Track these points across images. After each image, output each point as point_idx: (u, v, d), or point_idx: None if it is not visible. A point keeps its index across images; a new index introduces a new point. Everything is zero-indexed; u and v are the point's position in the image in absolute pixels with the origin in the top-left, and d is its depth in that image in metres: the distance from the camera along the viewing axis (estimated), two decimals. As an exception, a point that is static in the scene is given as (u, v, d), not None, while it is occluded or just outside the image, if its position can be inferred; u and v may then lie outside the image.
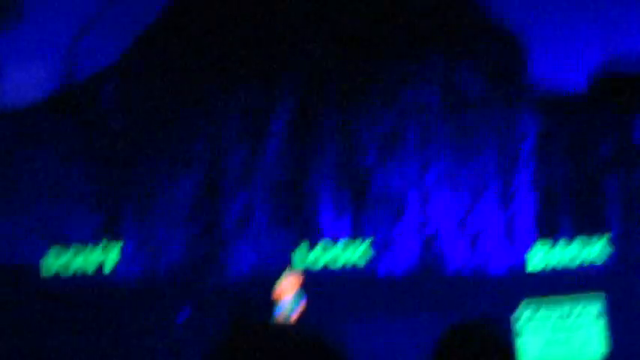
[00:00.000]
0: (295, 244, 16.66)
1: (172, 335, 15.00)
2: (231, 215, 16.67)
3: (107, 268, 16.04)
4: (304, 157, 16.88)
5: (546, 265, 16.87)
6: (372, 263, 16.70)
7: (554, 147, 17.28)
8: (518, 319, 15.55)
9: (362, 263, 16.64)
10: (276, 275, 15.35)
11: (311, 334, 1.98)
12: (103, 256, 16.11)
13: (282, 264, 16.52)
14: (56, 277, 15.94)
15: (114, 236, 16.44)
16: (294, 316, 13.49)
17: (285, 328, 2.02)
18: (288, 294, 13.95)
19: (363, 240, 16.70)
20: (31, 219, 16.27)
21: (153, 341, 15.17)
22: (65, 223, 16.38)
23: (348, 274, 16.69)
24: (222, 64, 16.85)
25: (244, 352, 1.89)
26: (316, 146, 16.86)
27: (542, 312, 15.64)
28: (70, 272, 16.04)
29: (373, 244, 16.67)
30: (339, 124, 16.91)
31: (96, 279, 16.12)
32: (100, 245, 16.05)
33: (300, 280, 14.09)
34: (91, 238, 16.43)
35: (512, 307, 15.51)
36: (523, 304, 15.57)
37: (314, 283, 15.76)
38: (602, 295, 15.82)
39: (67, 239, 16.29)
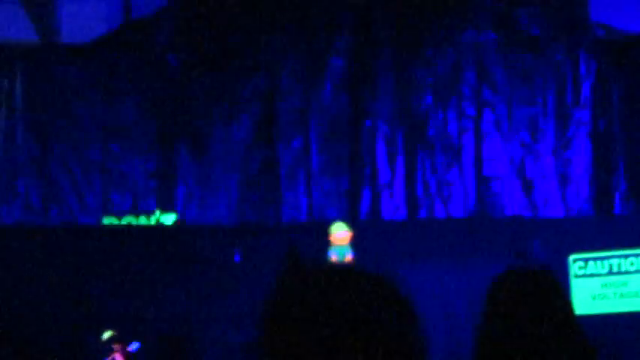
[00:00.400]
0: (350, 188, 16.67)
1: (231, 275, 15.13)
2: (286, 159, 16.69)
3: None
4: (360, 99, 16.82)
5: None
6: (427, 207, 16.68)
7: (612, 92, 17.02)
8: (569, 266, 15.45)
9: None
10: (330, 219, 15.36)
11: (370, 274, 1.96)
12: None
13: (336, 208, 16.54)
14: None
15: (169, 179, 16.57)
16: (347, 261, 13.49)
17: (343, 269, 2.00)
18: (340, 239, 13.95)
19: (418, 183, 16.68)
20: (90, 156, 16.41)
21: (212, 281, 15.30)
22: (122, 161, 16.50)
23: (404, 217, 16.69)
24: (280, 3, 16.75)
25: (303, 291, 1.88)
26: (372, 88, 16.78)
27: (593, 261, 15.49)
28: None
29: (429, 188, 16.65)
30: (395, 65, 16.79)
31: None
32: (154, 215, 16.17)
33: (347, 230, 14.07)
34: (148, 177, 16.57)
35: (564, 253, 15.41)
36: (574, 252, 15.45)
37: (368, 227, 15.78)
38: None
39: (124, 178, 16.45)
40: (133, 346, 13.79)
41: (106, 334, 13.93)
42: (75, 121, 16.39)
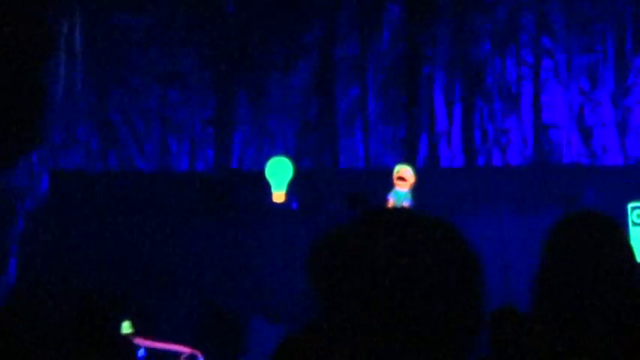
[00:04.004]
0: (407, 135, 16.64)
1: (289, 222, 15.19)
2: (343, 106, 16.68)
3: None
4: (417, 46, 16.74)
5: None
6: (484, 154, 16.62)
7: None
8: (628, 214, 15.33)
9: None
10: (387, 166, 15.33)
11: (437, 218, 1.95)
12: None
13: (394, 155, 16.52)
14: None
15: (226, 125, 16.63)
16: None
17: (410, 212, 1.98)
18: (399, 187, 13.93)
19: (476, 131, 16.61)
20: (148, 103, 16.50)
21: (269, 228, 15.37)
22: (179, 108, 16.58)
23: (461, 164, 16.64)
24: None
25: (376, 231, 1.86)
26: (430, 35, 16.68)
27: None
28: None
29: (487, 135, 16.57)
30: (453, 12, 16.67)
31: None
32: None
33: (412, 173, 14.03)
34: (205, 124, 16.65)
35: (623, 201, 15.28)
36: (633, 200, 15.32)
37: (426, 174, 15.74)
38: None
39: (181, 125, 16.55)
40: (140, 353, 13.91)
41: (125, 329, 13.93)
42: (133, 69, 16.47)
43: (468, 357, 1.87)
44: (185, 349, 13.86)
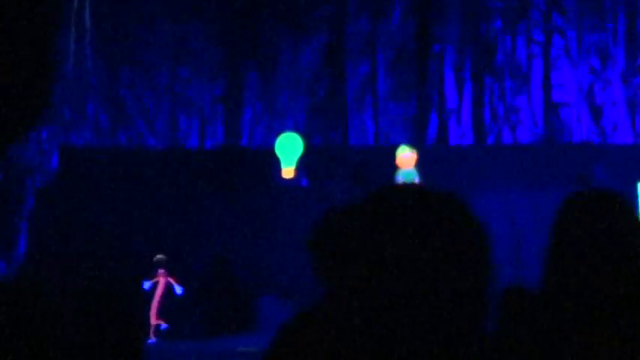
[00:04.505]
0: (417, 113, 16.61)
1: (298, 199, 15.23)
2: (353, 83, 16.64)
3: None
4: (428, 24, 16.67)
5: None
6: (494, 132, 16.59)
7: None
8: (638, 192, 15.31)
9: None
10: (397, 144, 15.33)
11: (443, 193, 1.94)
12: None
13: (403, 133, 16.50)
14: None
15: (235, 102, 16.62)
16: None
17: (417, 190, 1.96)
18: (406, 161, 13.91)
19: (486, 109, 16.58)
20: (158, 80, 16.48)
21: (279, 205, 15.40)
22: (190, 86, 16.56)
23: (471, 143, 16.62)
24: None
25: (388, 210, 1.85)
26: (441, 13, 16.62)
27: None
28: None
29: (496, 114, 16.54)
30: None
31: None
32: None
33: (411, 150, 14.00)
34: (215, 101, 16.64)
35: (633, 179, 15.26)
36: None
37: (435, 152, 15.74)
38: None
39: (191, 102, 16.54)
40: (178, 290, 14.06)
41: (156, 257, 14.17)
42: (143, 45, 16.44)
43: (477, 336, 1.86)
44: (153, 318, 14.06)
